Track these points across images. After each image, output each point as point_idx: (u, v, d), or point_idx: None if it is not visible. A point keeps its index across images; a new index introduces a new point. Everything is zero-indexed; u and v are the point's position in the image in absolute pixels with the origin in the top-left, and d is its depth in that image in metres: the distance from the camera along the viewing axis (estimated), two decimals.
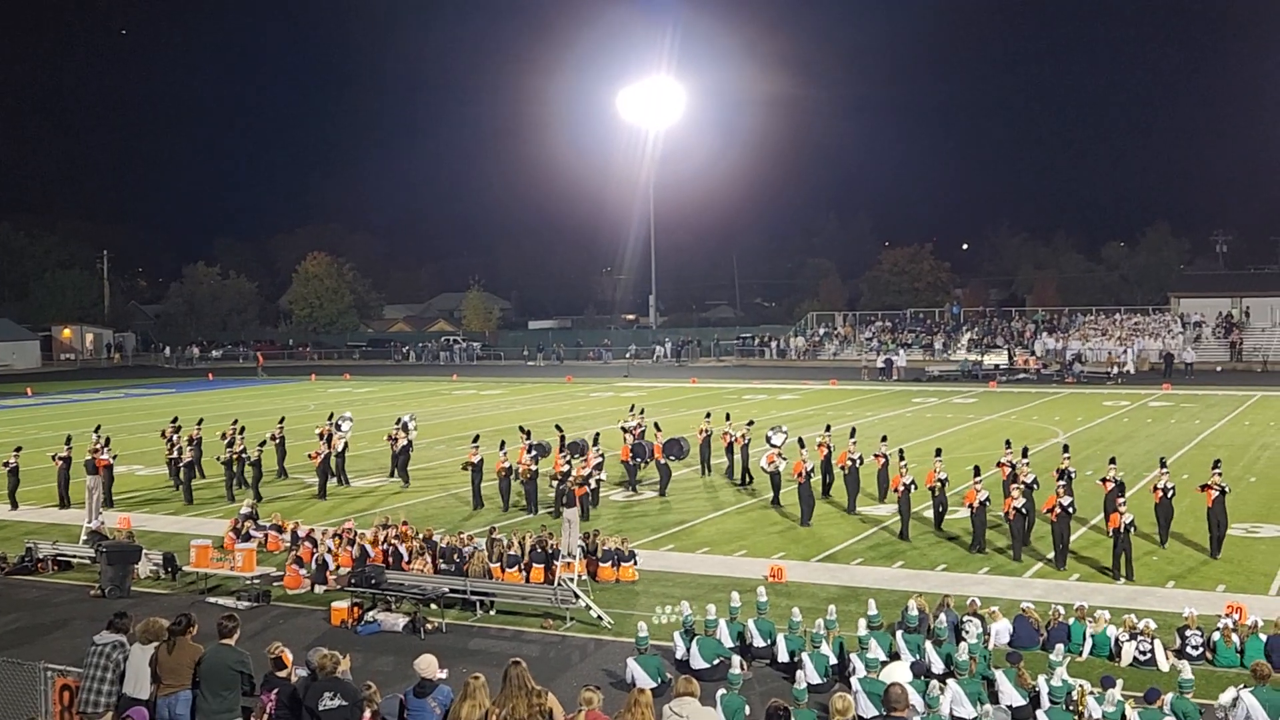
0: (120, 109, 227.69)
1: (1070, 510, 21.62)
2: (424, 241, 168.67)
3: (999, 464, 26.15)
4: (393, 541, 21.48)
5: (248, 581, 20.81)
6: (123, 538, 22.62)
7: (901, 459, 25.26)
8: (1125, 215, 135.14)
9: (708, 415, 34.09)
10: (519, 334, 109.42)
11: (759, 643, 16.60)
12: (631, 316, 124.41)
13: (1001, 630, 16.86)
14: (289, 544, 23.08)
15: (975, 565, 21.79)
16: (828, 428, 31.20)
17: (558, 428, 30.94)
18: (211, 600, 20.15)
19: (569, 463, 26.41)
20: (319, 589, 20.72)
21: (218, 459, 31.23)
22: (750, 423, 33.15)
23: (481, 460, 28.42)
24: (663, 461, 30.08)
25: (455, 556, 20.79)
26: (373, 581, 19.30)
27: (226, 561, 21.66)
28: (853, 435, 28.26)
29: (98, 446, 28.43)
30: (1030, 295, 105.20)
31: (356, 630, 18.45)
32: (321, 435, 32.09)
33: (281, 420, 34.77)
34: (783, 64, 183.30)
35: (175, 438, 32.00)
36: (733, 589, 18.69)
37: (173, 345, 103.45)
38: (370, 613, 18.91)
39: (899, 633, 16.07)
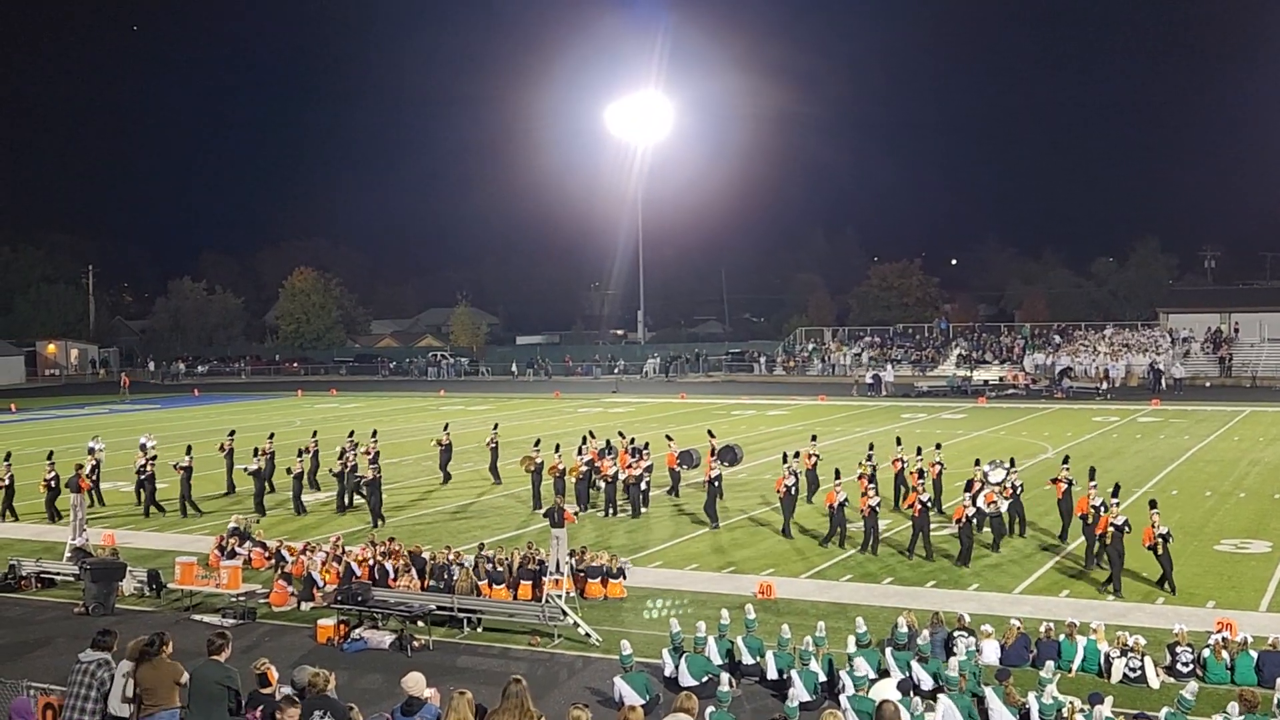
0: (106, 122, 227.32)
1: (1125, 528, 21.26)
2: (411, 256, 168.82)
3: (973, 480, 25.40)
4: (379, 558, 21.43)
5: (233, 599, 20.73)
6: (107, 555, 22.54)
7: (921, 477, 25.24)
8: (1114, 231, 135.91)
9: (899, 442, 31.89)
10: (507, 349, 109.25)
11: (748, 660, 16.58)
12: (620, 332, 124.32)
13: (991, 647, 16.86)
14: (274, 562, 23.02)
15: (965, 582, 21.80)
16: (897, 440, 31.71)
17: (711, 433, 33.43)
18: (196, 618, 20.08)
19: (615, 464, 29.72)
20: (305, 606, 20.66)
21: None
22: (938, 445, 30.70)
23: (542, 462, 29.65)
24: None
25: (444, 574, 20.74)
26: (359, 599, 19.24)
27: (211, 579, 21.59)
28: (837, 477, 28.14)
29: (84, 464, 28.31)
30: (1019, 311, 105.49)
31: (343, 648, 18.39)
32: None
33: (232, 432, 35.07)
34: (771, 79, 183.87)
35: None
36: (721, 605, 18.67)
37: (158, 360, 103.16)
38: (357, 630, 18.85)
39: (888, 650, 16.06)
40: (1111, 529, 21.03)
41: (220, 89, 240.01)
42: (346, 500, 30.65)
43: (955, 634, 16.75)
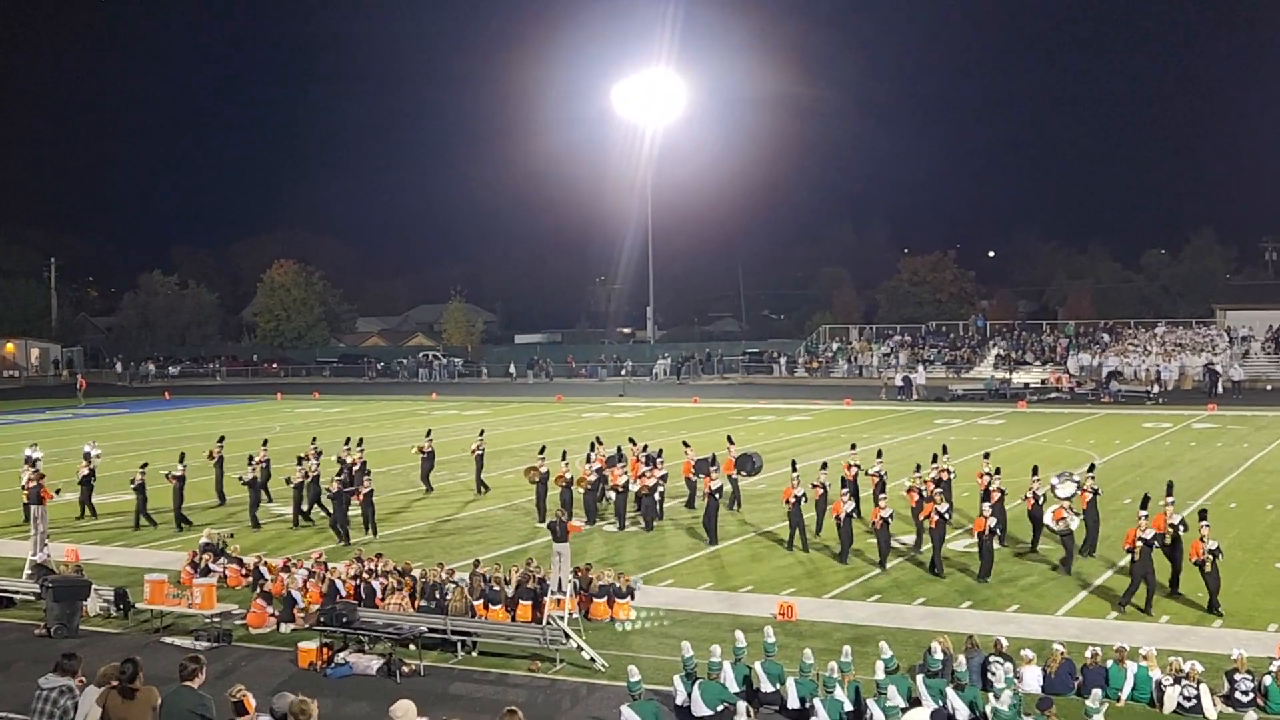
0: (70, 106, 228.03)
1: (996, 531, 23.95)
2: (401, 249, 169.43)
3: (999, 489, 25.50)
4: (365, 576, 21.42)
5: (207, 620, 20.71)
6: (71, 571, 22.54)
7: (938, 486, 25.36)
8: (1166, 221, 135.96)
9: (986, 455, 30.32)
10: (505, 349, 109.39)
11: (767, 687, 16.53)
12: (628, 330, 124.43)
13: (1033, 674, 16.78)
14: (251, 579, 23.02)
15: (1003, 603, 21.73)
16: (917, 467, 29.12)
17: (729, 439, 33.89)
18: (167, 640, 20.10)
19: (625, 473, 30.01)
20: (285, 628, 20.65)
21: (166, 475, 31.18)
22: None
23: (548, 471, 29.78)
24: (733, 476, 31.48)
25: (436, 593, 20.73)
26: (344, 619, 19.22)
27: (183, 598, 21.57)
28: (843, 485, 27.90)
29: (44, 474, 28.39)
30: (1063, 307, 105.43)
31: (326, 673, 18.37)
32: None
33: (221, 439, 35.34)
34: (792, 56, 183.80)
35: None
36: (737, 628, 18.62)
37: (126, 361, 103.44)
38: (341, 654, 18.83)
39: (919, 677, 16.00)
40: (1140, 544, 20.88)
41: (194, 70, 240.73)
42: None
43: (991, 659, 16.67)
